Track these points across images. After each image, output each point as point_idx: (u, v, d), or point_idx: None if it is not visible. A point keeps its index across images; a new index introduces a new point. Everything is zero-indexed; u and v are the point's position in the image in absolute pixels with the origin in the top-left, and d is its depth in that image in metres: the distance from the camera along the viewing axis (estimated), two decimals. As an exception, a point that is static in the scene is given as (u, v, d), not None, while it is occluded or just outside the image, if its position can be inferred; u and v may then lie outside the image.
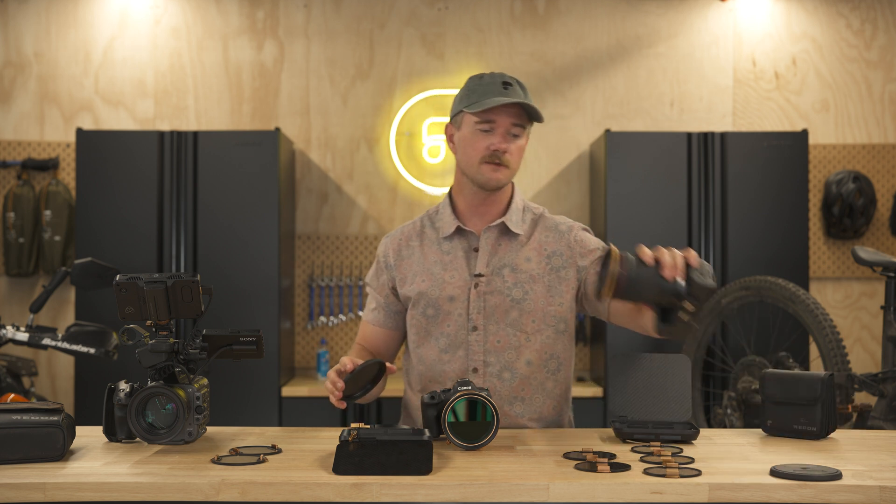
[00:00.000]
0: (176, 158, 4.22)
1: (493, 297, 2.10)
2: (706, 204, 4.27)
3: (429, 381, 2.13)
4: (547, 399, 2.14)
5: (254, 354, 1.92)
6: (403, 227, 2.25)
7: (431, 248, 2.17)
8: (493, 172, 2.08)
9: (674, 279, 1.63)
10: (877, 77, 4.77)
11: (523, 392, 2.10)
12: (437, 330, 2.12)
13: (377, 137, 4.73)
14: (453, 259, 2.14)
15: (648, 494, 1.51)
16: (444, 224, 2.17)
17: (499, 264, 2.12)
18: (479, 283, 2.10)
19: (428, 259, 2.15)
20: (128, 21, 4.72)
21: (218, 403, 3.57)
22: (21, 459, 1.66)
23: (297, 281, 4.67)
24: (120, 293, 1.80)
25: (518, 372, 2.10)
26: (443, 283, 2.12)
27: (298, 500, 1.52)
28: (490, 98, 2.04)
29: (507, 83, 2.06)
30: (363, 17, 4.75)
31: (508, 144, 2.07)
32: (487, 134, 2.07)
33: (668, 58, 4.76)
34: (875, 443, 1.90)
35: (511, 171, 2.10)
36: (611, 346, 4.21)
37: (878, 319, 4.61)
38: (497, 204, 2.16)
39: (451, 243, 2.16)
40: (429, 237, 2.19)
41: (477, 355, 2.09)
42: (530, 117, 2.08)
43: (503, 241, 2.15)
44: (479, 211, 2.16)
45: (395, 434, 1.69)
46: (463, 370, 2.10)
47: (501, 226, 2.15)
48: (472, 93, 2.09)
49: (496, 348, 2.09)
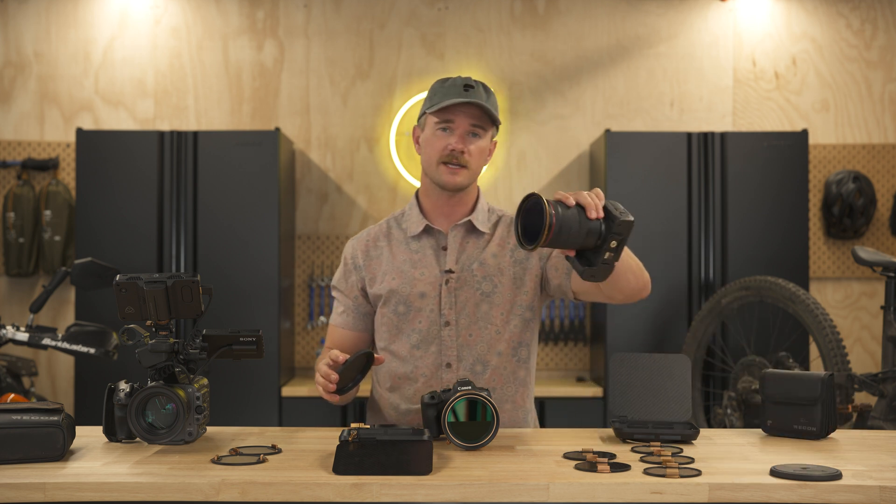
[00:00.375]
0: (176, 158, 4.22)
1: (463, 291, 2.13)
2: (706, 204, 4.27)
3: (399, 378, 2.15)
4: (519, 387, 2.17)
5: (254, 354, 1.93)
6: (369, 229, 2.27)
7: (399, 247, 2.19)
8: (450, 175, 2.11)
9: (597, 219, 1.67)
10: (877, 77, 4.77)
11: (495, 383, 2.13)
12: (408, 326, 2.14)
13: (377, 137, 4.73)
14: (422, 257, 2.17)
15: (648, 494, 1.51)
16: (412, 224, 2.20)
17: (467, 261, 2.16)
18: (450, 279, 2.13)
19: (397, 258, 2.18)
20: (128, 21, 4.72)
21: (218, 403, 3.57)
22: (21, 459, 1.66)
23: (297, 281, 4.67)
24: (120, 293, 1.80)
25: (490, 364, 2.13)
26: (413, 280, 2.14)
27: (298, 500, 1.52)
28: (450, 99, 2.07)
29: (469, 86, 2.09)
30: (363, 17, 4.75)
31: (467, 145, 2.10)
32: (446, 134, 2.10)
33: (668, 58, 4.76)
34: (875, 443, 1.90)
35: (471, 172, 2.12)
36: (611, 346, 4.21)
37: (878, 319, 4.61)
38: (463, 205, 2.19)
39: (420, 242, 2.19)
40: (396, 237, 2.21)
41: (450, 350, 2.12)
42: (492, 120, 2.11)
43: (470, 238, 2.19)
44: (444, 211, 2.19)
45: (395, 434, 1.69)
46: (436, 365, 2.12)
47: (468, 224, 2.19)
48: (434, 94, 2.12)
49: (468, 342, 2.12)
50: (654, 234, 4.22)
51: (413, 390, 2.13)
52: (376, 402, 2.22)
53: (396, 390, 2.15)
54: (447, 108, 2.08)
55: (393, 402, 2.16)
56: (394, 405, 2.15)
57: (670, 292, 4.21)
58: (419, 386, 2.12)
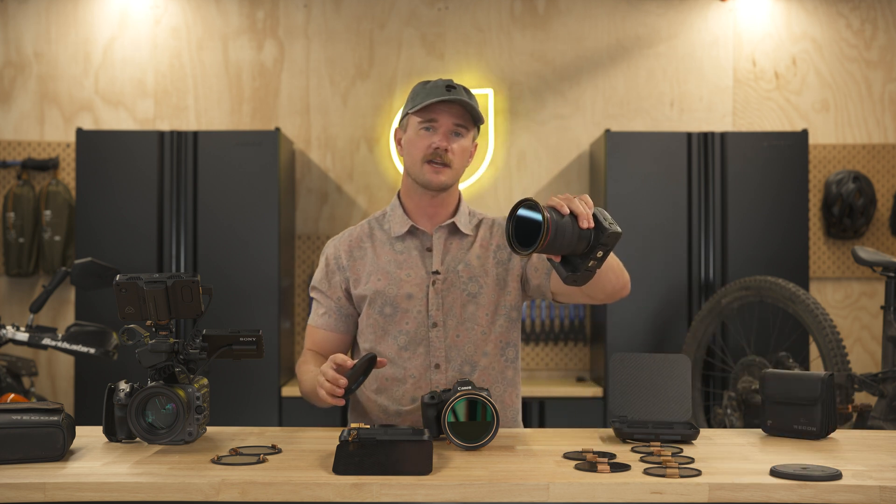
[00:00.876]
0: (176, 158, 4.22)
1: (450, 293, 2.13)
2: (706, 204, 4.27)
3: (387, 380, 2.14)
4: (507, 387, 2.18)
5: (254, 354, 1.93)
6: (350, 230, 2.26)
7: (383, 248, 2.18)
8: (434, 174, 2.11)
9: (588, 228, 1.68)
10: (877, 77, 4.77)
11: (484, 383, 2.13)
12: (394, 328, 2.13)
13: (377, 137, 4.73)
14: (408, 258, 2.16)
15: (648, 494, 1.51)
16: (396, 224, 2.19)
17: (452, 262, 2.16)
18: (437, 280, 2.13)
19: (381, 259, 2.17)
20: (128, 21, 4.72)
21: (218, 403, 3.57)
22: (21, 459, 1.66)
23: (297, 281, 4.67)
24: (120, 293, 1.80)
25: (478, 364, 2.13)
26: (399, 281, 2.14)
27: (298, 500, 1.52)
28: (432, 99, 2.08)
29: (450, 87, 2.10)
30: (363, 17, 4.75)
31: (450, 143, 2.10)
32: (429, 133, 2.11)
33: (668, 58, 4.76)
34: (875, 443, 1.90)
35: (454, 172, 2.13)
36: (611, 346, 4.21)
37: (878, 319, 4.61)
38: (445, 206, 2.19)
39: (404, 243, 2.18)
40: (379, 238, 2.20)
41: (438, 351, 2.11)
42: (474, 120, 2.11)
43: (453, 240, 2.19)
44: (427, 213, 2.19)
45: (395, 434, 1.69)
46: (425, 366, 2.11)
47: (451, 226, 2.19)
48: (416, 96, 2.13)
49: (456, 343, 2.12)
50: (654, 234, 4.22)
51: (402, 392, 2.12)
52: (361, 404, 2.19)
53: (384, 392, 2.14)
54: (430, 107, 2.09)
55: (381, 405, 2.14)
56: (382, 407, 2.14)
57: (670, 292, 4.21)
58: (408, 387, 2.12)
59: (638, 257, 4.19)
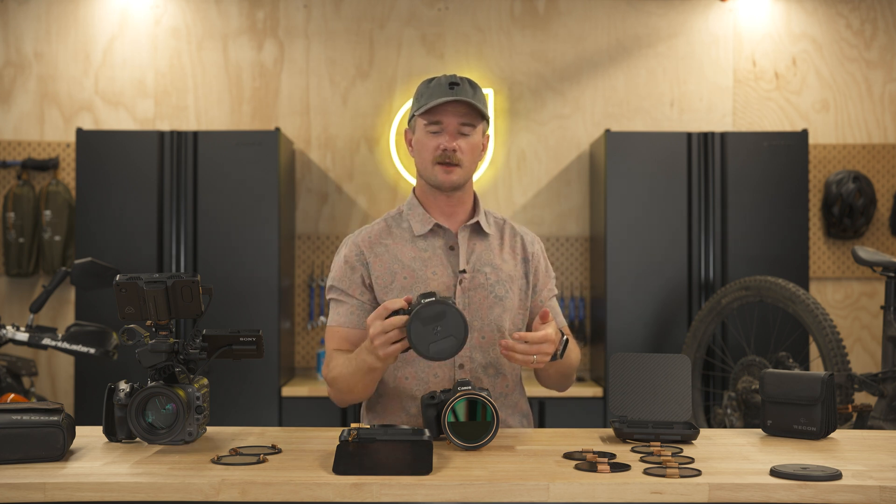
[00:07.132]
0: (176, 158, 4.22)
1: (476, 293, 2.12)
2: (706, 204, 4.27)
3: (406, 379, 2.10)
4: (521, 396, 2.20)
5: (254, 354, 1.92)
6: (368, 227, 2.23)
7: (405, 246, 2.16)
8: (445, 174, 2.11)
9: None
10: (877, 77, 4.77)
11: (507, 389, 2.13)
12: None
13: (377, 137, 4.73)
14: (432, 256, 2.15)
15: (648, 494, 1.51)
16: (417, 222, 2.18)
17: (477, 262, 2.15)
18: (463, 279, 2.12)
19: (405, 256, 2.15)
20: (128, 21, 4.72)
21: (218, 403, 3.58)
22: (21, 459, 1.66)
23: (297, 281, 4.67)
24: (120, 293, 1.80)
25: (501, 369, 2.13)
26: (426, 279, 2.12)
27: (298, 500, 1.52)
28: (435, 99, 2.07)
29: (454, 83, 2.08)
30: (363, 17, 4.75)
31: (458, 143, 2.10)
32: (437, 135, 2.11)
33: (668, 58, 4.76)
34: (875, 443, 1.90)
35: (465, 170, 2.12)
36: (611, 346, 4.21)
37: (878, 319, 4.61)
38: (463, 204, 2.19)
39: (427, 241, 2.17)
40: (399, 236, 2.18)
41: (463, 351, 2.09)
42: (481, 115, 2.11)
43: (477, 240, 2.19)
44: (446, 212, 2.18)
45: (395, 434, 1.69)
46: (449, 365, 2.10)
47: (476, 225, 2.19)
48: (421, 96, 2.12)
49: (481, 344, 2.11)
50: (653, 234, 4.22)
51: (425, 390, 2.10)
52: (384, 401, 2.15)
53: (407, 391, 2.11)
54: (434, 108, 2.08)
55: (404, 405, 2.12)
56: (405, 408, 2.11)
57: (670, 292, 4.21)
58: (431, 387, 2.09)
59: (638, 257, 4.19)
